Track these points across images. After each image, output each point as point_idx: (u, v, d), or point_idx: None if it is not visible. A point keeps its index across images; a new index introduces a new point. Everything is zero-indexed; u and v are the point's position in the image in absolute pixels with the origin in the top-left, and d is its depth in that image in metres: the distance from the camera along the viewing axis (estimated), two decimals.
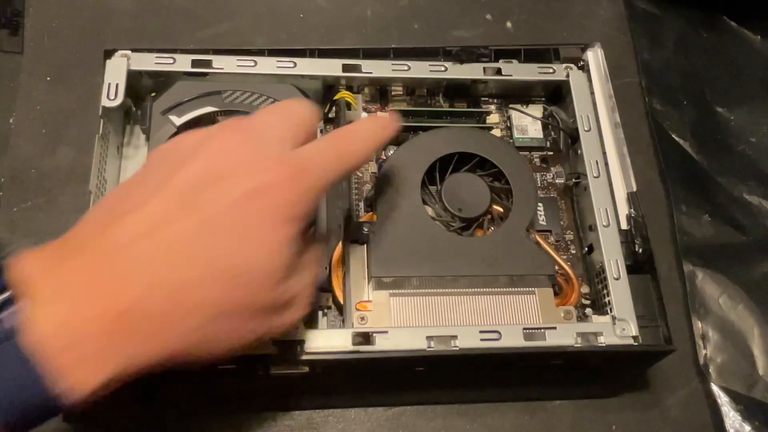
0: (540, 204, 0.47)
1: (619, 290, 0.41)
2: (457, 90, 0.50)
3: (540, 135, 0.50)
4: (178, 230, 0.27)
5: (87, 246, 0.27)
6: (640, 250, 0.43)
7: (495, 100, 0.51)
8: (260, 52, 0.46)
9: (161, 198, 0.27)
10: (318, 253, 0.33)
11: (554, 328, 0.40)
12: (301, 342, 0.37)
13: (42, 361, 0.24)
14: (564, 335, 0.39)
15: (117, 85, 0.43)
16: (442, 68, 0.48)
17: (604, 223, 0.43)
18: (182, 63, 0.45)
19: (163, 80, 0.45)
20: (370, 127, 0.35)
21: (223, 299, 0.27)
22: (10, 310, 0.24)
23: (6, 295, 0.24)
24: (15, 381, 0.24)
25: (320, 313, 0.42)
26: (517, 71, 0.49)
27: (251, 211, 0.28)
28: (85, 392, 0.25)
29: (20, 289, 0.25)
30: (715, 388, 0.46)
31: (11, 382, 0.24)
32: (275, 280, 0.29)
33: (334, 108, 0.47)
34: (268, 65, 0.46)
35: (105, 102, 0.42)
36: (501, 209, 0.45)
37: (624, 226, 0.44)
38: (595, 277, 0.44)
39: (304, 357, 0.37)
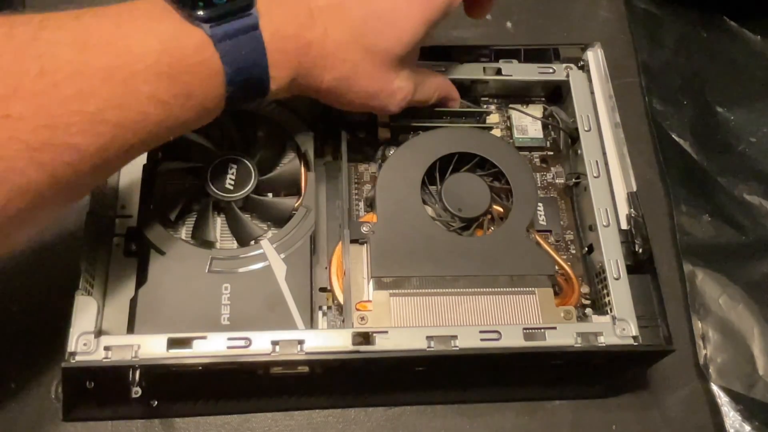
0: (540, 204, 0.47)
1: (619, 290, 0.41)
2: (457, 90, 0.50)
3: (540, 135, 0.50)
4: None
5: None
6: (640, 250, 0.43)
7: (495, 100, 0.51)
8: None
9: None
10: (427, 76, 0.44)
11: (554, 328, 0.40)
12: (301, 342, 0.37)
13: (266, 48, 0.34)
14: (564, 335, 0.39)
15: None
16: (442, 68, 0.48)
17: (604, 223, 0.43)
18: None
19: None
20: None
21: (366, 49, 0.38)
22: (248, 13, 0.34)
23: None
24: (252, 58, 0.34)
25: (320, 313, 0.42)
26: (517, 71, 0.49)
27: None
28: (279, 84, 0.36)
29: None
30: (715, 388, 0.46)
31: (249, 57, 0.34)
32: (404, 42, 0.39)
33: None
34: None
35: None
36: (501, 209, 0.45)
37: (624, 226, 0.44)
38: (595, 277, 0.44)
39: (304, 357, 0.37)
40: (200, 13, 0.32)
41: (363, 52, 0.38)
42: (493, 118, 0.50)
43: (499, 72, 0.49)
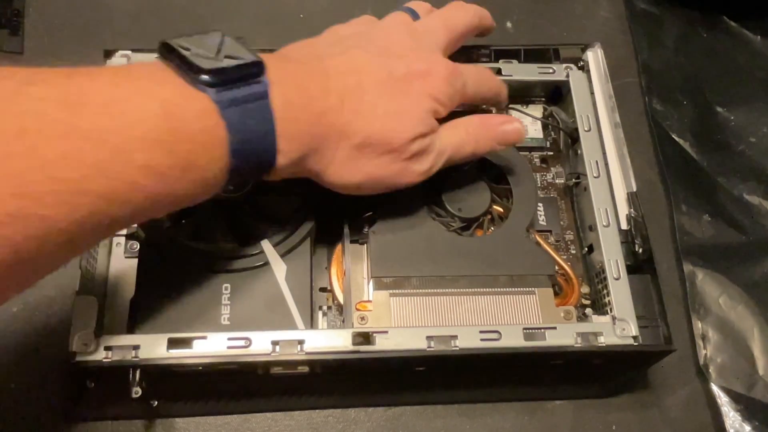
0: (540, 204, 0.47)
1: (619, 290, 0.41)
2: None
3: (540, 135, 0.50)
4: (370, 77, 0.37)
5: (307, 63, 0.36)
6: (640, 250, 0.43)
7: None
8: (260, 52, 0.46)
9: (362, 52, 0.38)
10: (443, 133, 0.40)
11: (554, 328, 0.40)
12: (301, 342, 0.37)
13: (276, 118, 0.32)
14: (564, 335, 0.39)
15: None
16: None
17: (604, 223, 0.43)
18: None
19: None
20: (495, 80, 0.45)
21: (374, 134, 0.36)
22: (257, 80, 0.32)
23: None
24: (260, 128, 0.32)
25: (320, 313, 0.42)
26: (517, 71, 0.49)
27: (416, 84, 0.38)
28: (287, 158, 0.33)
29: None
30: (715, 388, 0.46)
31: (257, 128, 0.32)
32: (411, 133, 0.37)
33: None
34: None
35: None
36: (501, 209, 0.45)
37: (624, 226, 0.44)
38: (595, 277, 0.44)
39: (304, 357, 0.37)
40: (206, 77, 0.30)
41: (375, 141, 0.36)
42: None
43: (499, 72, 0.49)
